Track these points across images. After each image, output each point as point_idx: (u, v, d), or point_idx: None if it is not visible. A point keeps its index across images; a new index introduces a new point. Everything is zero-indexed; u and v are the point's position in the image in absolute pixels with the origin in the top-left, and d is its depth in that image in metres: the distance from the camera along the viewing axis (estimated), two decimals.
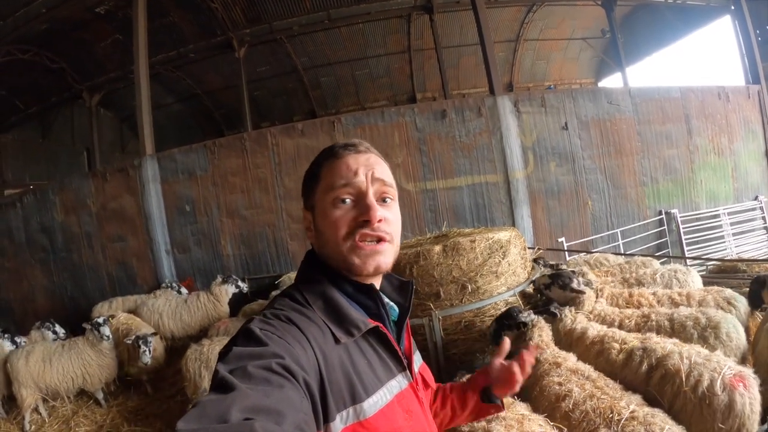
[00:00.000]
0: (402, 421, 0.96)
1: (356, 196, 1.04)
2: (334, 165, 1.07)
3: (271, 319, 0.92)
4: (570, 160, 9.67)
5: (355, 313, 1.01)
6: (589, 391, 2.42)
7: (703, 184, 10.38)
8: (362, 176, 1.04)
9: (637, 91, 10.23)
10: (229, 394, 0.68)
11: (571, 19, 17.36)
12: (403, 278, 1.23)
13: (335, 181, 1.04)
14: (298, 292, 1.03)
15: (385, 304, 1.12)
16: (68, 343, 5.86)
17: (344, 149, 1.09)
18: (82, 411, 5.81)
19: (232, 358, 0.79)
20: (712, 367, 2.36)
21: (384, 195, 1.07)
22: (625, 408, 2.19)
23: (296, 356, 0.83)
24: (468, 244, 3.83)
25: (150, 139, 9.72)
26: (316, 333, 0.92)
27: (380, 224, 1.03)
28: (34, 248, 10.30)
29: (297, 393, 0.77)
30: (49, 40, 13.11)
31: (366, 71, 18.46)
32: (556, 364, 2.78)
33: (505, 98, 9.53)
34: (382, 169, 1.09)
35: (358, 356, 0.96)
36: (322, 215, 1.06)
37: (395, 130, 9.39)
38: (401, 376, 1.04)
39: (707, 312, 3.26)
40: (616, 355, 2.86)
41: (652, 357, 2.64)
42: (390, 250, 1.06)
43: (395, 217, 1.09)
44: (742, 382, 2.23)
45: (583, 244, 9.44)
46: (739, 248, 10.45)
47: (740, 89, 11.12)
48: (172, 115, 19.52)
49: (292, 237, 9.35)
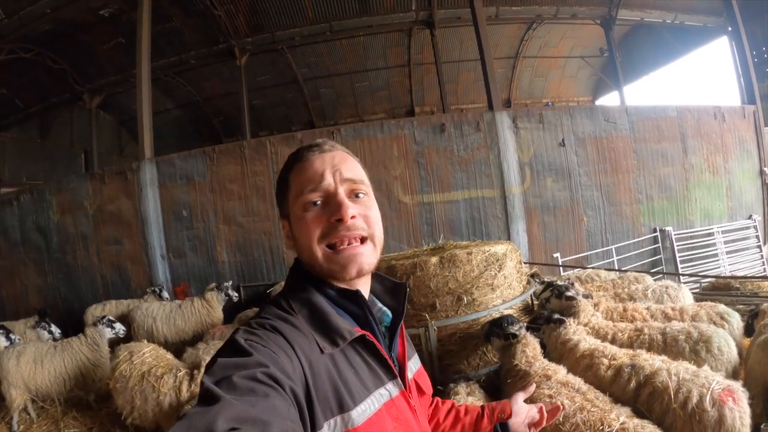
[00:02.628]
0: (391, 429, 0.95)
1: (325, 196, 1.02)
2: (300, 169, 1.05)
3: (256, 328, 0.91)
4: (566, 176, 9.75)
5: (341, 322, 0.99)
6: (579, 403, 2.43)
7: (698, 203, 10.48)
8: (329, 176, 1.02)
9: (633, 109, 10.36)
10: (215, 406, 0.69)
11: (570, 37, 17.57)
12: (396, 280, 1.20)
13: (303, 185, 1.03)
14: (284, 301, 1.02)
15: (374, 310, 1.11)
16: (61, 345, 5.80)
17: (308, 150, 1.07)
18: (72, 413, 5.77)
19: (217, 369, 0.79)
20: (700, 383, 2.38)
21: (355, 191, 1.05)
22: (615, 420, 2.20)
23: (282, 365, 0.82)
24: (464, 256, 3.86)
25: (149, 143, 9.72)
26: (302, 342, 0.91)
27: (354, 221, 1.01)
28: (29, 247, 10.25)
29: (283, 401, 0.76)
30: (52, 40, 13.14)
31: (365, 84, 18.55)
32: (546, 376, 2.79)
33: (504, 114, 9.62)
34: (350, 166, 1.07)
35: (345, 365, 0.94)
36: (296, 221, 1.04)
37: (394, 142, 9.45)
38: (391, 384, 1.01)
39: (699, 327, 3.29)
40: (605, 371, 2.87)
41: (641, 374, 2.65)
42: (371, 250, 1.04)
43: (372, 213, 1.06)
44: (731, 396, 2.25)
45: (578, 260, 9.48)
46: (732, 266, 10.53)
47: (736, 109, 11.26)
48: (171, 120, 19.51)
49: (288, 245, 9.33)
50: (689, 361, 2.89)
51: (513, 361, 3.01)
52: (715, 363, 3.01)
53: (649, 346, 3.29)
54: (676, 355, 3.06)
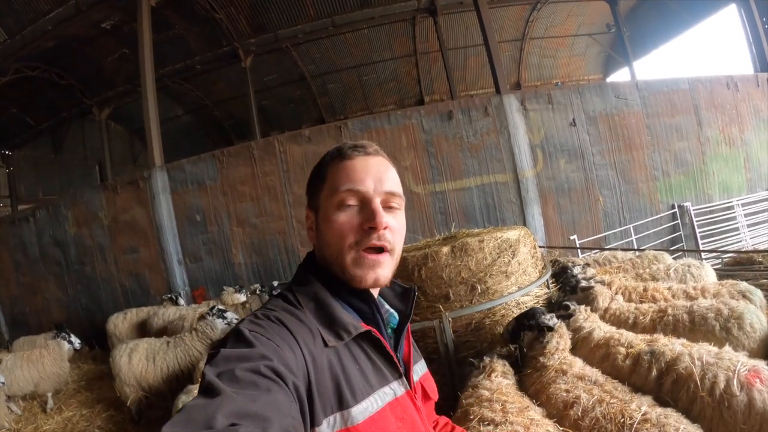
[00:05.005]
0: (395, 429, 0.93)
1: (362, 201, 1.01)
2: (341, 167, 1.04)
3: (261, 319, 0.90)
4: (579, 156, 9.60)
5: (347, 317, 0.98)
6: (597, 396, 2.32)
7: (716, 176, 10.25)
8: (370, 182, 1.01)
9: (644, 84, 10.15)
10: (215, 399, 0.67)
11: (576, 15, 17.29)
12: (405, 285, 1.20)
13: (341, 184, 1.01)
14: (291, 293, 1.01)
15: (382, 310, 1.10)
16: (173, 341, 5.71)
17: (353, 150, 1.05)
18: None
19: (220, 360, 0.78)
20: (725, 366, 2.25)
21: (390, 202, 1.04)
22: (636, 411, 2.10)
23: (285, 358, 0.81)
24: (476, 244, 3.79)
25: (159, 151, 9.80)
26: (306, 335, 0.90)
27: (385, 232, 1.00)
28: (48, 262, 10.43)
29: (285, 396, 0.75)
30: (56, 56, 13.32)
31: (373, 76, 18.52)
32: (561, 371, 2.70)
33: (512, 96, 9.49)
34: (391, 176, 1.06)
35: (349, 361, 0.94)
36: (326, 218, 1.03)
37: (402, 132, 9.39)
38: (397, 384, 1.00)
39: (729, 303, 3.15)
40: (623, 360, 2.72)
41: (662, 361, 2.52)
42: (389, 263, 1.03)
43: (400, 227, 1.05)
44: (759, 377, 2.14)
45: (595, 241, 9.36)
46: (754, 239, 10.31)
47: (749, 78, 10.98)
48: (182, 126, 19.71)
49: (303, 244, 9.37)
50: (720, 341, 2.80)
51: (543, 352, 2.91)
52: (747, 341, 2.89)
53: (674, 328, 3.18)
54: (705, 334, 2.94)
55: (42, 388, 6.18)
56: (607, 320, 3.50)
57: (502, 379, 2.79)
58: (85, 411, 6.09)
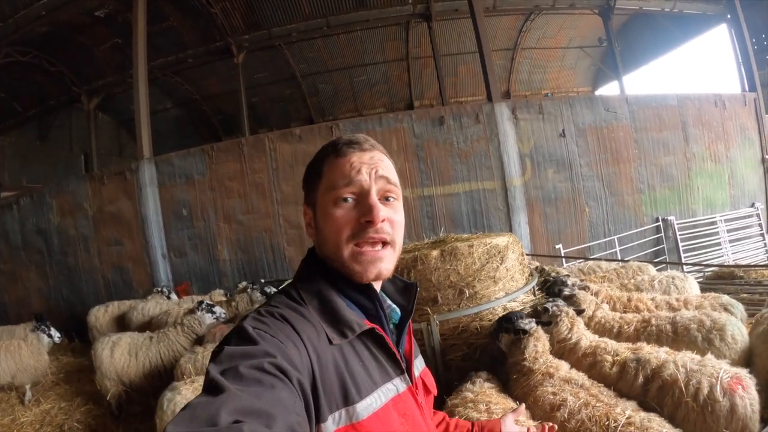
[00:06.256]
0: (398, 425, 0.94)
1: (358, 195, 1.01)
2: (336, 163, 1.03)
3: (264, 316, 0.90)
4: (567, 167, 9.71)
5: (351, 314, 0.98)
6: (583, 399, 2.39)
7: (700, 191, 10.44)
8: (365, 174, 1.01)
9: (634, 98, 10.31)
10: (219, 396, 0.67)
11: (568, 27, 17.48)
12: (407, 280, 1.19)
13: (337, 179, 1.01)
14: (294, 290, 1.01)
15: (385, 306, 1.10)
16: (157, 336, 5.58)
17: (348, 146, 1.05)
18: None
19: (224, 357, 0.78)
20: (708, 372, 2.35)
21: (387, 194, 1.04)
22: (621, 414, 2.17)
23: (289, 355, 0.81)
24: (466, 249, 3.81)
25: (147, 143, 9.69)
26: (310, 332, 0.90)
27: (383, 224, 1.00)
28: (30, 250, 10.25)
29: (290, 393, 0.75)
30: (48, 42, 13.12)
31: (364, 78, 18.51)
32: (548, 374, 2.75)
33: (503, 105, 9.58)
34: (386, 166, 1.06)
35: (353, 358, 0.94)
36: (324, 214, 1.03)
37: (393, 136, 9.42)
38: (399, 380, 1.01)
39: (711, 314, 3.23)
40: (609, 368, 2.81)
41: (647, 368, 2.61)
42: (391, 256, 1.03)
43: (399, 219, 1.05)
44: (740, 384, 2.23)
45: (580, 251, 9.46)
46: (735, 255, 10.51)
47: (736, 97, 11.21)
48: (170, 120, 19.53)
49: (289, 242, 9.34)
50: (702, 351, 2.86)
51: (523, 357, 2.97)
52: (728, 351, 2.97)
53: (657, 338, 3.24)
54: (688, 345, 3.01)
55: (19, 380, 6.05)
56: (592, 328, 3.55)
57: (485, 383, 2.85)
58: (64, 404, 5.96)
